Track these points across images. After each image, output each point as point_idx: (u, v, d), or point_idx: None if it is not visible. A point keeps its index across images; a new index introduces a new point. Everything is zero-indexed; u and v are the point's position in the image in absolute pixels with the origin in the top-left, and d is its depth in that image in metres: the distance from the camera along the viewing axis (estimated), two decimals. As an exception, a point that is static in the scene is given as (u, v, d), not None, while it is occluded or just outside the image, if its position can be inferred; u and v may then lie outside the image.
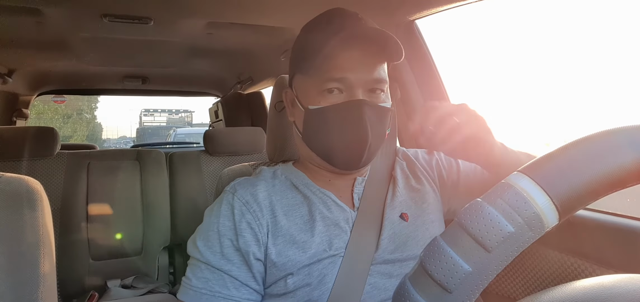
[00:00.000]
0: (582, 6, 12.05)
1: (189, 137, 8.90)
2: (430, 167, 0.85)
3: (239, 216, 0.69)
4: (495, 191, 0.32)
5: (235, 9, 1.26)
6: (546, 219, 0.30)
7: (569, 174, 0.31)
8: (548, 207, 0.30)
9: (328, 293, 0.67)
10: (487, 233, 0.30)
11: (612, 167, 0.31)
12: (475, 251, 0.30)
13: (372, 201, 0.76)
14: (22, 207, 0.58)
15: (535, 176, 0.31)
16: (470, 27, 18.18)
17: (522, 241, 0.30)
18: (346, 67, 0.68)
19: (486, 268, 0.30)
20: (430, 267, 0.31)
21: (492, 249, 0.30)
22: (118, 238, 1.82)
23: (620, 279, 0.31)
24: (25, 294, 0.56)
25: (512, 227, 0.30)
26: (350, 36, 0.68)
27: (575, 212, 0.32)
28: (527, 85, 7.75)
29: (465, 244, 0.31)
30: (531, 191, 0.31)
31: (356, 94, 0.68)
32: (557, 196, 0.31)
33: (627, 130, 0.33)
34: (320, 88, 0.69)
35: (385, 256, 0.71)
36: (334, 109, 0.69)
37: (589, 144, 0.33)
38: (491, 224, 0.30)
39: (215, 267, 0.67)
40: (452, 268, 0.30)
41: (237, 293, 0.66)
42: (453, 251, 0.31)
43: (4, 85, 2.21)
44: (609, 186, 0.31)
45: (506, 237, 0.30)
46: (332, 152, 0.72)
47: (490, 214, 0.31)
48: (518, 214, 0.30)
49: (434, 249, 0.32)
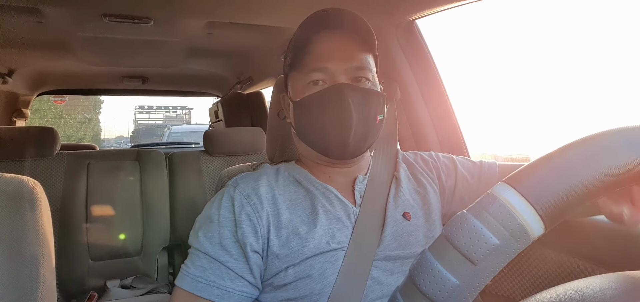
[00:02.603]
0: (582, 6, 11.93)
1: (185, 136, 8.18)
2: (429, 169, 0.86)
3: (239, 208, 0.70)
4: (480, 203, 0.32)
5: (235, 8, 1.26)
6: (531, 230, 0.30)
7: (552, 184, 0.31)
8: (533, 218, 0.30)
9: (330, 286, 0.67)
10: (473, 246, 0.30)
11: (595, 175, 0.31)
12: (462, 264, 0.31)
13: (375, 198, 0.77)
14: (21, 207, 0.58)
15: (519, 186, 0.31)
16: (470, 27, 18.14)
17: (508, 253, 0.31)
18: (326, 57, 0.72)
19: (473, 281, 0.31)
20: (419, 280, 0.32)
21: (478, 262, 0.30)
22: (119, 238, 1.82)
23: (616, 278, 0.31)
24: (24, 294, 0.56)
25: (497, 239, 0.30)
26: (324, 26, 0.73)
27: (561, 221, 0.32)
28: (527, 85, 7.71)
29: (452, 257, 0.31)
30: (515, 202, 0.31)
31: (338, 81, 0.71)
32: (542, 206, 0.31)
33: (606, 135, 0.32)
34: (305, 81, 0.73)
35: (387, 252, 0.72)
36: (317, 96, 0.72)
37: (571, 152, 0.32)
38: (476, 237, 0.31)
39: (212, 257, 0.68)
40: (440, 282, 0.31)
41: (231, 284, 0.67)
42: (440, 265, 0.31)
43: (4, 85, 2.21)
44: (593, 194, 0.31)
45: (492, 250, 0.30)
46: (322, 140, 0.73)
47: (475, 227, 0.31)
48: (503, 226, 0.30)
49: (422, 262, 0.32)
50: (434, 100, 1.30)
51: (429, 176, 0.84)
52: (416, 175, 0.84)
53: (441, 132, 1.31)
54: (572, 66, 6.10)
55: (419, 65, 1.29)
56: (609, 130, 0.33)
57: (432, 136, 1.32)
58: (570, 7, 12.15)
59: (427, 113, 1.32)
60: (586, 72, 4.92)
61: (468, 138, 1.28)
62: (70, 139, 17.02)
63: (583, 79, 4.83)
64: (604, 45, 5.06)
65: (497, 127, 2.86)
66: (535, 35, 10.83)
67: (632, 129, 0.32)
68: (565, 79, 5.37)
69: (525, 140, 2.80)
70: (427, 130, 1.32)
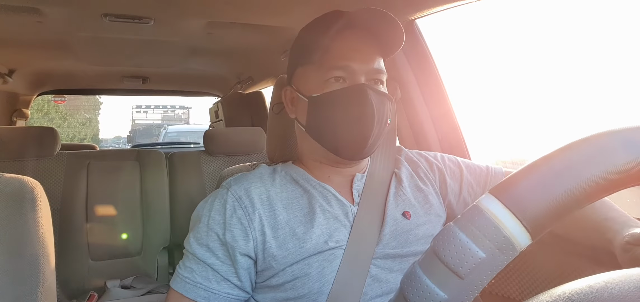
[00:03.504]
0: (582, 6, 11.94)
1: (182, 136, 7.94)
2: (432, 171, 0.85)
3: (230, 211, 0.70)
4: (466, 215, 0.32)
5: (235, 8, 1.26)
6: (517, 243, 0.30)
7: (536, 194, 0.31)
8: (518, 231, 0.30)
9: (329, 285, 0.67)
10: (459, 260, 0.30)
11: (579, 183, 0.31)
12: (449, 278, 0.31)
13: (373, 196, 0.76)
14: (21, 207, 0.58)
15: (504, 198, 0.31)
16: (470, 27, 18.12)
17: (494, 266, 0.30)
18: (349, 56, 0.71)
19: (461, 295, 0.31)
20: (409, 295, 0.32)
21: (466, 276, 0.30)
22: (119, 238, 1.82)
23: (616, 277, 0.31)
24: (24, 294, 0.56)
25: (483, 253, 0.30)
26: (348, 26, 0.73)
27: (547, 231, 0.31)
28: (527, 85, 7.75)
29: (440, 272, 0.31)
30: (500, 214, 0.31)
31: (359, 81, 0.71)
32: (527, 218, 0.30)
33: (590, 141, 0.32)
34: (323, 77, 0.71)
35: (387, 250, 0.72)
36: (340, 93, 0.71)
37: (555, 160, 0.32)
38: (463, 250, 0.30)
39: (199, 258, 0.68)
40: (429, 296, 0.31)
41: (217, 286, 0.67)
42: (429, 280, 0.31)
43: (4, 85, 2.21)
44: (578, 203, 0.31)
45: (478, 263, 0.30)
46: (338, 139, 0.72)
47: (461, 241, 0.31)
48: (488, 239, 0.30)
49: (411, 276, 0.32)
50: (434, 100, 1.30)
51: (431, 177, 0.84)
52: (419, 174, 0.83)
53: (441, 132, 1.31)
54: (571, 66, 6.08)
55: (419, 65, 1.29)
56: (591, 135, 0.32)
57: (432, 136, 1.32)
58: (570, 7, 12.08)
59: (427, 113, 1.32)
60: (586, 72, 4.90)
61: (468, 138, 1.28)
62: (74, 140, 17.08)
63: (583, 79, 4.80)
64: (604, 45, 5.03)
65: (496, 128, 2.88)
66: (535, 36, 10.79)
67: (613, 132, 0.32)
68: (565, 79, 5.34)
69: (525, 141, 2.81)
70: (427, 130, 1.32)
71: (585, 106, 3.31)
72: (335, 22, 0.73)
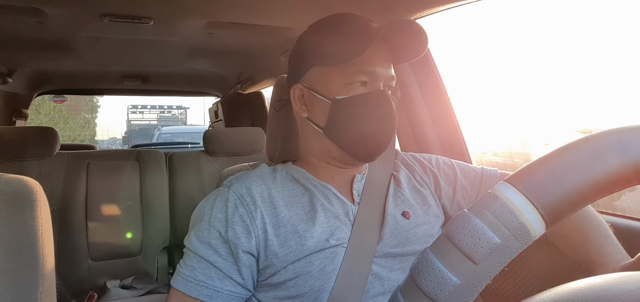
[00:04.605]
0: (582, 6, 11.95)
1: (177, 137, 7.55)
2: (426, 174, 0.86)
3: (232, 209, 0.70)
4: (481, 202, 0.32)
5: (235, 8, 1.26)
6: (533, 229, 0.30)
7: (554, 183, 0.31)
8: (534, 218, 0.30)
9: (331, 283, 0.67)
10: (474, 245, 0.30)
11: (598, 173, 0.31)
12: (463, 263, 0.31)
13: (373, 196, 0.77)
14: (21, 207, 0.58)
15: (521, 185, 0.31)
16: (470, 27, 18.10)
17: (509, 252, 0.31)
18: (375, 62, 0.73)
19: (474, 280, 0.31)
20: (420, 280, 0.32)
21: (480, 261, 0.30)
22: (120, 238, 1.82)
23: (618, 278, 0.31)
24: (24, 295, 0.56)
25: (498, 238, 0.30)
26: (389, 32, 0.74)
27: (562, 220, 0.32)
28: (527, 85, 7.77)
29: (453, 256, 0.31)
30: (517, 201, 0.31)
31: (379, 87, 0.73)
32: (543, 205, 0.30)
33: (611, 133, 0.32)
34: (348, 80, 0.72)
35: (387, 249, 0.72)
36: (367, 97, 0.72)
37: (574, 151, 0.32)
38: (478, 236, 0.31)
39: (201, 257, 0.68)
40: (441, 281, 0.31)
41: (219, 284, 0.67)
42: (441, 264, 0.31)
43: (4, 85, 2.21)
44: (595, 193, 0.31)
45: (493, 249, 0.30)
46: (360, 141, 0.74)
47: (476, 226, 0.31)
48: (504, 225, 0.30)
49: (423, 261, 0.32)
50: (434, 100, 1.30)
51: (426, 180, 0.84)
52: (415, 177, 0.84)
53: (441, 132, 1.31)
54: (572, 66, 6.08)
55: (419, 65, 1.29)
56: (615, 128, 0.33)
57: (432, 136, 1.32)
58: (570, 7, 12.10)
59: (427, 113, 1.32)
60: (586, 72, 4.90)
61: (468, 137, 1.28)
62: (75, 142, 17.12)
63: (583, 79, 4.81)
64: (603, 45, 5.03)
65: (496, 127, 2.88)
66: (535, 35, 10.80)
67: (631, 128, 0.32)
68: (566, 79, 5.35)
69: (525, 141, 2.80)
70: (427, 130, 1.32)
71: (585, 106, 3.31)
72: (374, 37, 0.71)
